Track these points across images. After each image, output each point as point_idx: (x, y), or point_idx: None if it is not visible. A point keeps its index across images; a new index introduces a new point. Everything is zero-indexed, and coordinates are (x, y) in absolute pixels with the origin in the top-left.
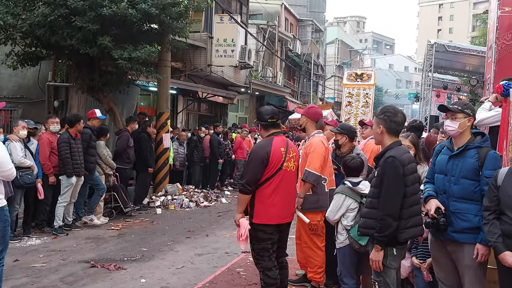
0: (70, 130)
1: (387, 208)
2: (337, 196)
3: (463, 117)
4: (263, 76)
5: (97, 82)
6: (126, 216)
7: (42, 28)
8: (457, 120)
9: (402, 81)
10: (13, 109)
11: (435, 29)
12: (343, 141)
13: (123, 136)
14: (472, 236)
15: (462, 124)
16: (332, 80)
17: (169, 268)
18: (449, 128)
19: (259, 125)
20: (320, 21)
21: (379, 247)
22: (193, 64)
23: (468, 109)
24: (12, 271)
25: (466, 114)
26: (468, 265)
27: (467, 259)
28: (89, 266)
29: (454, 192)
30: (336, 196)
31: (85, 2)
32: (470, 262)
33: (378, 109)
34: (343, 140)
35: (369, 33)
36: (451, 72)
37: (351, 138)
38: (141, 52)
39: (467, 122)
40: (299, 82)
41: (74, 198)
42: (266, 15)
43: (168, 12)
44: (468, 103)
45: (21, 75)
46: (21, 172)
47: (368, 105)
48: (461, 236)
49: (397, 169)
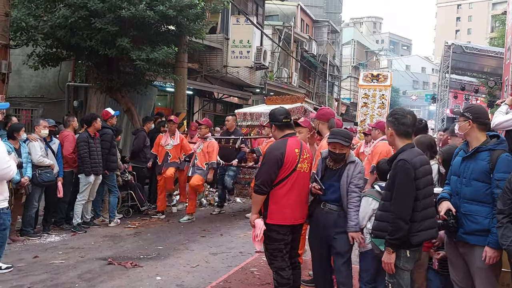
0: (89, 129)
1: (398, 211)
2: (365, 199)
3: (463, 120)
4: (278, 76)
5: (116, 83)
6: (143, 214)
7: (63, 30)
8: (459, 123)
9: (419, 82)
10: (34, 108)
11: (453, 30)
12: (345, 152)
13: (140, 136)
14: (483, 239)
15: (462, 127)
16: (348, 81)
17: (184, 267)
18: (456, 131)
19: (273, 126)
20: (336, 22)
21: (390, 250)
22: (209, 65)
23: (468, 112)
24: (32, 268)
25: (465, 118)
26: (479, 267)
27: (478, 262)
28: (106, 264)
29: (466, 194)
30: (364, 199)
31: (105, 4)
32: (481, 264)
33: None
34: (344, 151)
35: (386, 34)
36: (469, 73)
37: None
38: (158, 53)
39: (467, 125)
40: (314, 83)
41: (92, 196)
42: (282, 16)
43: (185, 13)
44: (472, 106)
45: (42, 76)
46: (40, 170)
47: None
48: (472, 238)
49: (408, 172)
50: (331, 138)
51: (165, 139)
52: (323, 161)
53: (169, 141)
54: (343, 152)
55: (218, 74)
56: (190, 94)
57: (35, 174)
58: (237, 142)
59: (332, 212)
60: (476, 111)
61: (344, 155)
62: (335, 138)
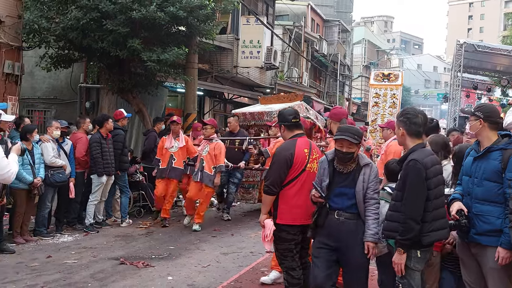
0: (101, 130)
1: (409, 211)
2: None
3: (474, 120)
4: (288, 76)
5: (127, 84)
6: (154, 214)
7: (75, 31)
8: (470, 122)
9: (431, 81)
10: (47, 109)
11: (465, 28)
12: (354, 151)
13: (151, 136)
14: (495, 239)
15: (474, 126)
16: (359, 81)
17: (196, 267)
18: (467, 130)
19: (282, 127)
20: (347, 21)
21: (401, 250)
22: (220, 65)
23: (479, 111)
24: (45, 267)
25: (476, 117)
26: (492, 268)
27: (490, 262)
28: (119, 263)
29: (477, 194)
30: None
31: (116, 6)
32: (494, 265)
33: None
34: (353, 149)
35: (397, 33)
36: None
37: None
38: (169, 54)
39: (478, 124)
40: (325, 83)
41: (104, 197)
42: (292, 16)
43: (196, 14)
44: (484, 106)
45: (54, 77)
46: (53, 171)
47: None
48: (484, 238)
49: (419, 172)
50: (338, 135)
51: (169, 141)
52: (329, 164)
53: (174, 143)
54: (351, 151)
55: (228, 75)
56: (200, 94)
57: (48, 174)
58: (244, 144)
59: (349, 222)
60: (487, 110)
61: (352, 155)
62: (343, 134)
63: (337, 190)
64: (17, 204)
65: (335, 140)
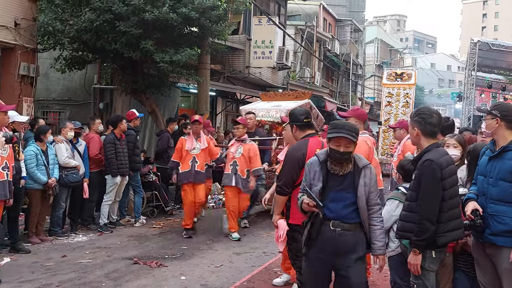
0: (115, 131)
1: (424, 212)
2: (390, 201)
3: (490, 118)
4: (301, 76)
5: (140, 85)
6: (167, 214)
7: (89, 33)
8: (486, 121)
9: (445, 80)
10: (62, 111)
11: (480, 27)
12: (352, 151)
13: (164, 137)
14: (510, 240)
15: (490, 125)
16: (372, 80)
17: (208, 267)
18: (483, 129)
19: (294, 127)
20: (359, 21)
21: (417, 251)
22: (232, 66)
23: (496, 110)
24: (60, 267)
25: (492, 115)
26: (507, 268)
27: (505, 263)
28: (132, 263)
29: (492, 194)
30: (389, 202)
31: (129, 8)
32: (509, 265)
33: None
34: (350, 149)
35: (410, 32)
36: (495, 71)
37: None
38: (181, 55)
39: (495, 123)
40: (337, 82)
41: (118, 197)
42: (304, 16)
43: (208, 15)
44: (500, 104)
45: (68, 78)
46: (66, 171)
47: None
48: (499, 239)
49: (434, 172)
50: (334, 133)
51: (190, 142)
52: (322, 166)
53: (195, 144)
54: (349, 150)
55: (240, 75)
56: (213, 95)
57: (62, 175)
58: (273, 144)
59: (347, 234)
60: (504, 109)
61: (349, 154)
62: (340, 132)
63: (332, 195)
64: (32, 204)
65: (330, 139)
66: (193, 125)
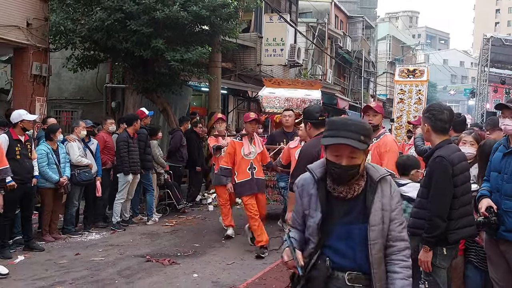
0: (128, 129)
1: (435, 209)
2: None
3: None
4: (312, 74)
5: (151, 83)
6: (179, 212)
7: (100, 32)
8: None
9: (458, 77)
10: (74, 110)
11: (493, 22)
12: (360, 163)
13: (176, 135)
14: None
15: None
16: (384, 77)
17: (220, 264)
18: (508, 127)
19: (308, 124)
20: (371, 17)
21: (427, 248)
22: (243, 64)
23: None
24: (74, 264)
25: None
26: None
27: None
28: (145, 261)
29: (507, 190)
30: None
31: (139, 7)
32: None
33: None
34: (358, 161)
35: (423, 28)
36: (509, 67)
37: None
38: (192, 53)
39: None
40: (349, 79)
41: (130, 195)
42: (315, 13)
43: (219, 13)
44: None
45: (80, 78)
46: (79, 170)
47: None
48: None
49: (445, 169)
50: (330, 137)
51: (246, 146)
52: (319, 187)
53: (251, 148)
54: (355, 163)
55: (251, 73)
56: (224, 93)
57: (74, 173)
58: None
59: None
60: None
61: (357, 168)
62: (337, 136)
63: (339, 230)
64: (45, 203)
65: (326, 147)
66: (249, 125)
